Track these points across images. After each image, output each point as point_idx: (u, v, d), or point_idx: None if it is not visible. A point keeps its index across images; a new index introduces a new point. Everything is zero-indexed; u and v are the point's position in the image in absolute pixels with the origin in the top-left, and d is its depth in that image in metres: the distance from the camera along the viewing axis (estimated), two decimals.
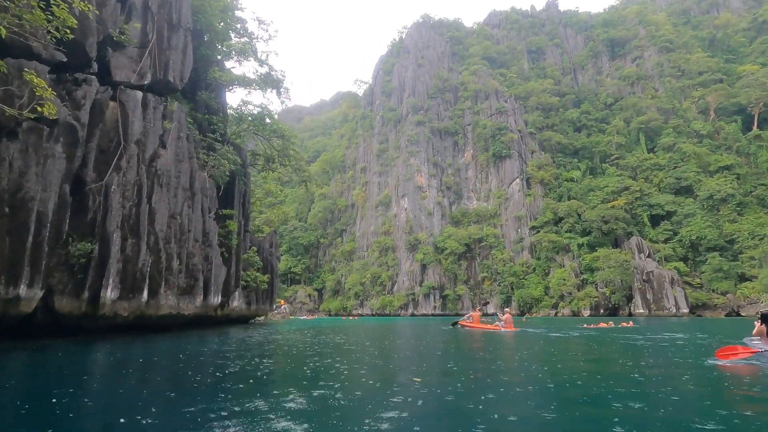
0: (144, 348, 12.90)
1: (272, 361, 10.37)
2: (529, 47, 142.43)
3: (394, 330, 27.41)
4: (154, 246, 16.35)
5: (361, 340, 17.89)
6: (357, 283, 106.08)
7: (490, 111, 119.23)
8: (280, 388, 6.85)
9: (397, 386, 6.81)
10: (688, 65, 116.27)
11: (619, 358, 11.07)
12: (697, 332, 21.64)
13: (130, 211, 15.48)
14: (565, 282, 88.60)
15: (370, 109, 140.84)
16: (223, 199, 24.36)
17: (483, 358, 11.45)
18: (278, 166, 32.02)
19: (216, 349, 12.65)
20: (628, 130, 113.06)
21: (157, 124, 17.40)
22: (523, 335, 19.96)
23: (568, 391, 6.58)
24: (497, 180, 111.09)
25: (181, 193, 18.17)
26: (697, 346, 13.94)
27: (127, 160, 15.69)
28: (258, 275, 28.69)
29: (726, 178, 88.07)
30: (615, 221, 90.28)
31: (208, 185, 20.94)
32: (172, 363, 9.79)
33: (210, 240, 20.44)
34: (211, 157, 22.10)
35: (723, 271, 77.31)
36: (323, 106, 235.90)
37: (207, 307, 20.70)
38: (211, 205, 21.27)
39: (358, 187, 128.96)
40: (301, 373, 8.71)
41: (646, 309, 77.49)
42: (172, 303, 17.29)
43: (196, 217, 19.38)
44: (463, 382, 7.38)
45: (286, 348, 13.57)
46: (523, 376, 8.10)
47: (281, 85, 27.26)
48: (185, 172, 18.63)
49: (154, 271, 16.18)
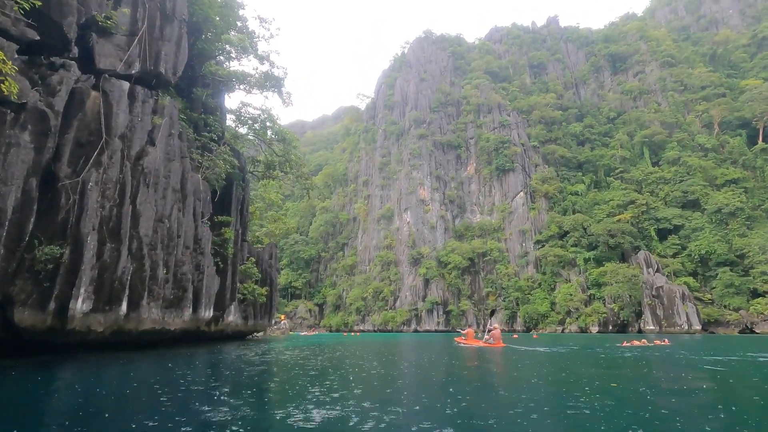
0: (116, 370, 11.07)
1: (260, 390, 8.54)
2: (531, 62, 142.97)
3: (401, 349, 25.43)
4: (137, 252, 14.64)
5: (366, 361, 15.99)
6: (358, 298, 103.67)
7: (493, 125, 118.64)
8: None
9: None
10: (691, 79, 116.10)
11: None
12: (746, 351, 19.60)
13: (110, 212, 13.82)
14: (571, 297, 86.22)
15: (373, 123, 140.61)
16: (219, 205, 22.75)
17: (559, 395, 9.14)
18: (279, 174, 30.46)
19: (198, 372, 10.81)
20: (632, 144, 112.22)
21: (145, 118, 15.91)
22: (558, 356, 17.81)
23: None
24: (501, 193, 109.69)
25: (171, 195, 16.53)
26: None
27: (110, 156, 14.10)
28: (256, 288, 26.85)
29: (734, 192, 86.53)
30: (622, 235, 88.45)
31: (201, 188, 19.31)
32: (141, 389, 7.99)
33: (202, 247, 18.71)
34: (205, 158, 20.54)
35: (735, 286, 75.09)
36: (325, 120, 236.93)
37: (197, 321, 18.81)
38: (204, 209, 19.61)
39: (360, 200, 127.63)
40: (294, 415, 6.80)
41: (657, 326, 75.03)
42: (155, 316, 15.45)
43: (187, 221, 17.69)
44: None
45: (281, 372, 11.73)
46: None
47: (282, 84, 25.83)
48: (176, 172, 17.03)
49: (135, 280, 14.42)
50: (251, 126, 26.74)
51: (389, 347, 24.99)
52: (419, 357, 16.63)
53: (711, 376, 10.70)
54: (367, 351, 21.49)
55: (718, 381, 10.04)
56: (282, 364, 12.63)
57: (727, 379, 10.21)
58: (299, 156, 30.52)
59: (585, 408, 6.53)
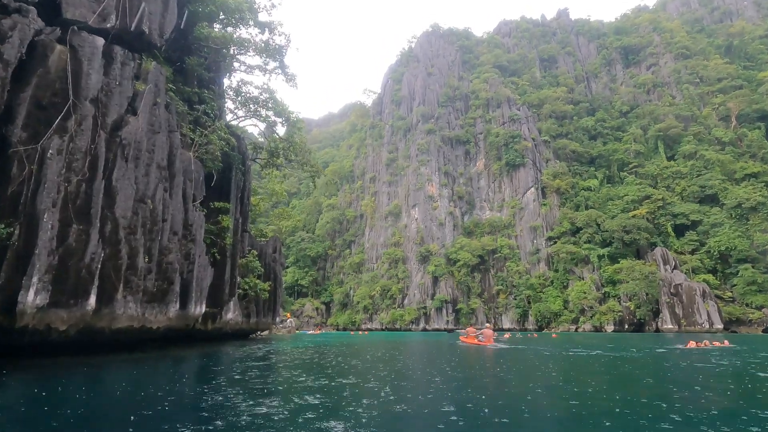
0: (70, 381, 8.85)
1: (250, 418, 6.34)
2: (541, 55, 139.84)
3: (414, 349, 23.22)
4: (112, 236, 12.45)
5: (383, 366, 13.75)
6: (366, 296, 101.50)
7: (503, 119, 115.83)
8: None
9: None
10: (707, 72, 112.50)
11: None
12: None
13: (77, 187, 11.66)
14: (585, 295, 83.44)
15: (380, 119, 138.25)
16: (216, 190, 20.60)
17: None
18: (283, 161, 28.25)
19: (172, 384, 8.57)
20: (646, 138, 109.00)
21: (125, 83, 13.76)
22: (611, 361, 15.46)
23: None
24: (511, 189, 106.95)
25: (156, 172, 14.34)
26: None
27: (78, 122, 11.96)
28: (258, 283, 24.69)
29: (754, 186, 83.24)
30: (637, 231, 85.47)
31: (193, 167, 17.08)
32: (88, 409, 5.82)
33: (193, 234, 16.48)
34: (198, 134, 18.36)
35: (757, 283, 72.17)
36: (331, 118, 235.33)
37: (187, 319, 16.56)
38: (196, 192, 17.42)
39: (367, 197, 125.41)
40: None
41: (676, 324, 72.32)
42: (133, 312, 13.21)
43: (176, 204, 15.51)
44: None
45: (284, 383, 9.51)
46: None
47: (284, 53, 23.46)
48: (161, 147, 14.82)
49: (108, 269, 12.24)
50: (252, 108, 24.50)
51: (404, 351, 22.74)
52: (446, 368, 14.35)
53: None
54: (378, 355, 19.26)
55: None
56: (283, 374, 10.43)
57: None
58: (303, 138, 28.31)
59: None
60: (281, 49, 23.03)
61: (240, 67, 27.91)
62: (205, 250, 17.71)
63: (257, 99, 24.55)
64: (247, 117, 24.89)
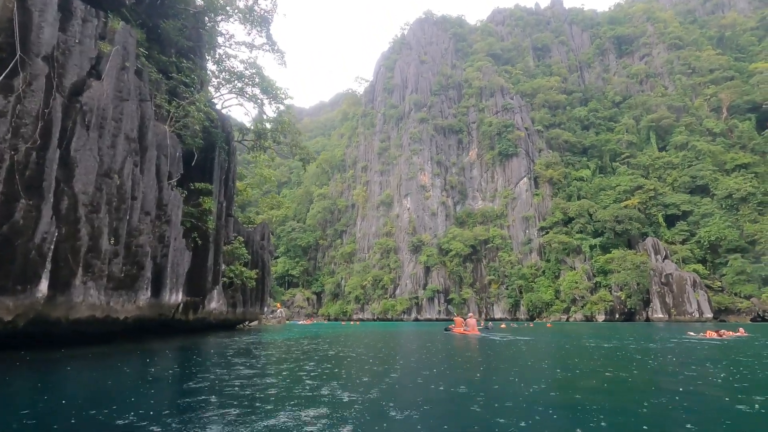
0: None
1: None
2: (535, 44, 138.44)
3: (409, 340, 22.16)
4: (69, 213, 10.96)
5: (376, 356, 12.58)
6: (357, 287, 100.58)
7: (496, 108, 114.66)
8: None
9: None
10: (699, 62, 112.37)
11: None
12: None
13: (26, 156, 10.13)
14: (577, 285, 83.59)
15: (371, 107, 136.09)
16: (198, 171, 19.06)
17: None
18: (271, 143, 26.66)
19: (124, 387, 7.23)
20: (638, 129, 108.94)
21: (87, 42, 12.15)
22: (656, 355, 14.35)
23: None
24: (503, 179, 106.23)
25: (124, 144, 12.78)
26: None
27: (27, 81, 10.39)
28: (245, 270, 23.31)
29: (744, 177, 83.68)
30: (629, 221, 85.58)
31: (169, 142, 15.52)
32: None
33: (168, 215, 14.99)
34: (174, 106, 16.76)
35: (746, 273, 72.74)
36: (323, 107, 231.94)
37: (160, 308, 15.12)
38: (173, 169, 15.88)
39: (358, 186, 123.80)
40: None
41: (666, 314, 72.76)
42: (95, 300, 11.73)
43: (148, 181, 13.99)
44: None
45: (263, 382, 8.25)
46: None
47: (270, 21, 21.69)
48: (131, 117, 13.23)
49: (64, 251, 10.78)
50: (237, 87, 22.79)
51: (399, 341, 21.66)
52: (440, 357, 13.25)
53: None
54: (371, 346, 18.13)
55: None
56: (258, 372, 9.15)
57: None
58: (292, 119, 26.66)
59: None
60: (267, 17, 21.17)
61: (225, 43, 26.17)
62: (184, 233, 16.24)
63: (242, 75, 22.85)
64: (232, 93, 23.17)
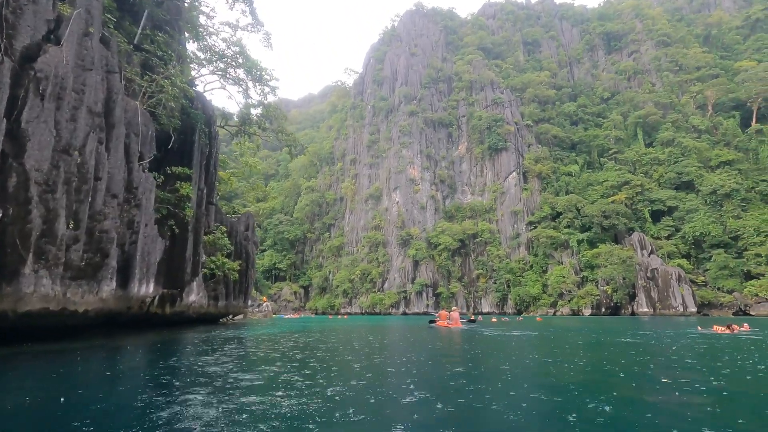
0: None
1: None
2: (525, 39, 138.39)
3: (399, 334, 21.57)
4: (18, 193, 9.88)
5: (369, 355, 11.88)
6: (345, 280, 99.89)
7: (486, 102, 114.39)
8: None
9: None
10: (686, 60, 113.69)
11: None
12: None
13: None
14: (564, 279, 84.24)
15: (361, 99, 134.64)
16: (176, 155, 18.04)
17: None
18: (256, 130, 25.59)
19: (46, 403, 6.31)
20: (626, 125, 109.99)
21: (44, 3, 11.03)
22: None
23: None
24: (493, 173, 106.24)
25: (86, 119, 11.66)
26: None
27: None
28: (227, 262, 22.37)
29: (729, 173, 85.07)
30: (616, 216, 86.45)
31: (141, 120, 14.45)
32: None
33: (139, 198, 13.96)
34: (147, 80, 15.63)
35: (729, 268, 74.09)
36: (311, 99, 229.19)
37: (128, 300, 14.04)
38: (145, 149, 14.82)
39: (347, 179, 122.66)
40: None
41: (651, 308, 73.75)
42: (49, 291, 10.68)
43: (115, 161, 12.92)
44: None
45: (236, 386, 7.49)
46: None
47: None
48: (94, 89, 12.10)
49: (12, 235, 9.73)
50: (219, 68, 21.61)
51: (389, 336, 21.05)
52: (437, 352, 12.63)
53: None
54: (365, 342, 17.44)
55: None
56: (232, 374, 8.33)
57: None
58: (281, 108, 25.58)
59: None
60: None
61: (207, 23, 24.93)
62: (159, 220, 15.21)
63: (223, 54, 21.68)
64: (214, 74, 21.97)
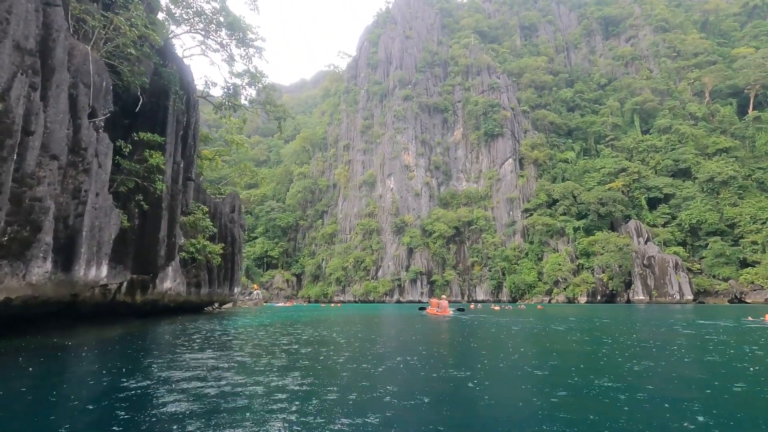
0: None
1: None
2: (522, 22, 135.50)
3: (396, 324, 19.82)
4: None
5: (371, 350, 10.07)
6: (339, 268, 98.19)
7: (482, 87, 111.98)
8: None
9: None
10: (684, 46, 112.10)
11: None
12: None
13: None
14: (560, 267, 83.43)
15: (354, 83, 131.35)
16: (147, 119, 15.85)
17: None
18: (241, 102, 23.31)
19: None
20: (622, 111, 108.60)
21: None
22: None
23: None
24: (488, 160, 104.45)
25: (12, 56, 9.28)
26: None
27: None
28: (208, 244, 20.28)
29: (726, 161, 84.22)
30: (612, 204, 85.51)
31: (93, 69, 12.16)
32: None
33: (88, 162, 11.69)
34: (99, 19, 13.30)
35: (725, 256, 73.67)
36: (304, 84, 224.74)
37: (72, 285, 11.75)
38: (98, 104, 12.55)
39: (340, 165, 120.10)
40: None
41: (647, 296, 73.31)
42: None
43: (55, 114, 10.64)
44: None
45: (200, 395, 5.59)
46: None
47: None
48: (24, 20, 9.70)
49: None
50: (198, 27, 19.22)
51: (388, 327, 19.28)
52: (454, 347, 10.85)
53: None
54: (365, 336, 15.63)
55: None
56: (201, 382, 6.39)
57: None
58: (269, 84, 23.30)
59: None
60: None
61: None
62: (125, 195, 13.10)
63: (202, 11, 19.25)
64: (193, 34, 19.56)
